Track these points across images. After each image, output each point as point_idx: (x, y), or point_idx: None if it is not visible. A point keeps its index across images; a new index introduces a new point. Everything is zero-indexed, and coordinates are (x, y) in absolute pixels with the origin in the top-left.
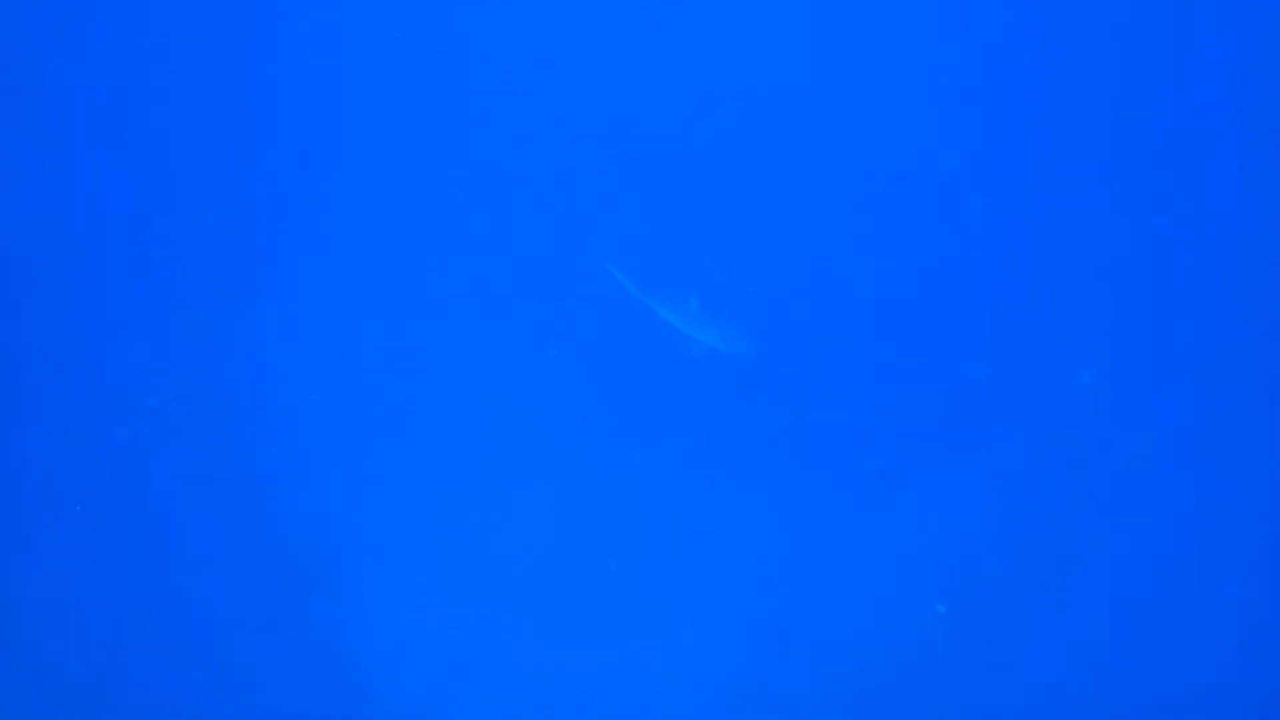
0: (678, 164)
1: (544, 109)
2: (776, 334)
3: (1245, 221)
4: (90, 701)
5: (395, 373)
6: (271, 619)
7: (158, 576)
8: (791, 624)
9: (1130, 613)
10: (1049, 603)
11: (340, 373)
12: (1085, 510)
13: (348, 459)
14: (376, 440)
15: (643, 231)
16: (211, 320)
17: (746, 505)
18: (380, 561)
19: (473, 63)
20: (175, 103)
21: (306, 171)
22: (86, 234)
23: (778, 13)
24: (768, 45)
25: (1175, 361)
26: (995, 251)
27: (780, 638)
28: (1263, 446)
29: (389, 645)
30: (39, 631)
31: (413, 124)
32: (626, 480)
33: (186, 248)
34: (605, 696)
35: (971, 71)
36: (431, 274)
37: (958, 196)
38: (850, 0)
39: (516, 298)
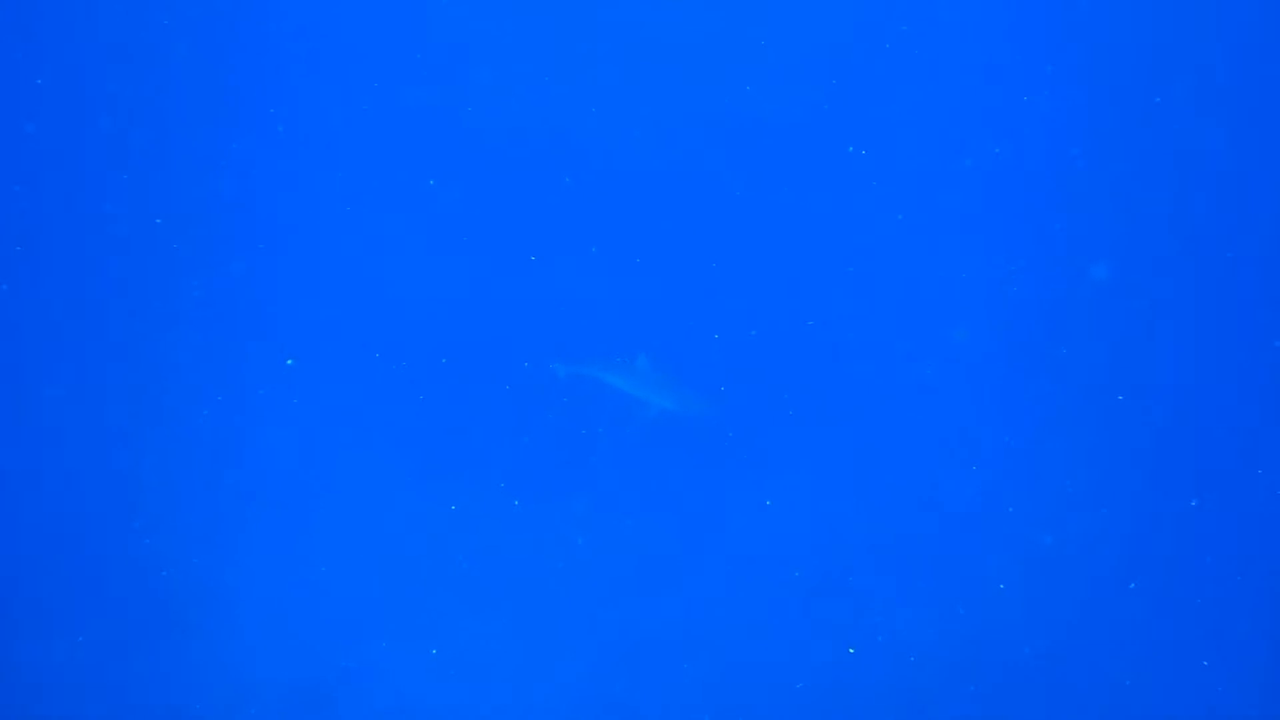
0: (618, 221)
1: (485, 169)
2: (732, 392)
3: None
4: None
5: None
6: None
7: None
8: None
9: None
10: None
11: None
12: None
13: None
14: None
15: (585, 291)
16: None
17: (706, 566)
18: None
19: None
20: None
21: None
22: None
23: (725, 75)
24: (711, 106)
25: None
26: (954, 319)
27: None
28: None
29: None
30: None
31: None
32: (581, 548)
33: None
34: None
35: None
36: (381, 330)
37: (914, 253)
38: (800, 76)
39: (454, 363)
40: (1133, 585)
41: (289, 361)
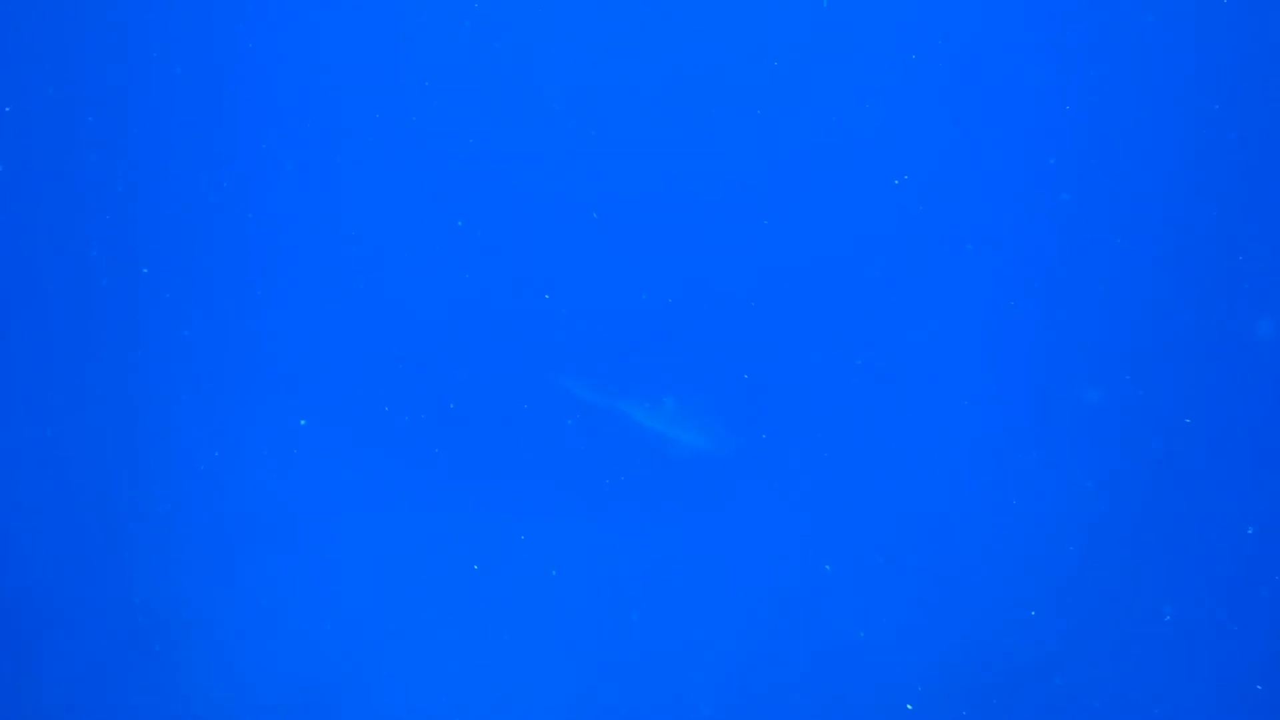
0: (640, 258)
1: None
2: (761, 430)
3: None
4: None
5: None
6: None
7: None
8: None
9: None
10: None
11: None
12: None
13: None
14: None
15: (610, 330)
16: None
17: (733, 603)
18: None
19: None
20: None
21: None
22: None
23: (755, 110)
24: (730, 137)
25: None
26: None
27: None
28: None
29: None
30: None
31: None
32: (609, 586)
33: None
34: None
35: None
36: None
37: (937, 285)
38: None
39: (479, 400)
40: (1168, 617)
41: (302, 422)
